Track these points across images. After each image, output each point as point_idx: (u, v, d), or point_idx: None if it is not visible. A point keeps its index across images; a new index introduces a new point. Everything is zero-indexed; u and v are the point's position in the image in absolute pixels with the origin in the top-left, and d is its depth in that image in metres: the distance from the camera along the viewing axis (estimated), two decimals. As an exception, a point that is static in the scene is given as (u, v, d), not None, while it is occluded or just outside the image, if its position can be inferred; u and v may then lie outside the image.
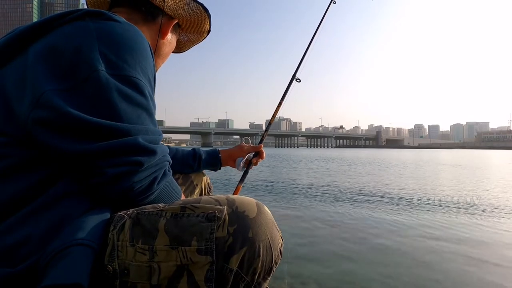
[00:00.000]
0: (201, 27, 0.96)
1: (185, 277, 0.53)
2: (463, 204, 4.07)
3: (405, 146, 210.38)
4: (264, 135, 1.40)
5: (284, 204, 4.02)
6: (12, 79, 0.58)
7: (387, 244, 2.40)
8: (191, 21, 0.91)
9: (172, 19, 0.87)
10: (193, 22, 0.92)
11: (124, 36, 0.61)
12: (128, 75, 0.59)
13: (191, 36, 1.01)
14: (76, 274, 0.47)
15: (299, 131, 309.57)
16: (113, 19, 0.63)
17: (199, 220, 0.56)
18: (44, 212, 0.54)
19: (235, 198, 0.61)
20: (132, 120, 0.58)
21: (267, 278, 0.62)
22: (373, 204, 4.01)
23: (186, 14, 0.88)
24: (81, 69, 0.56)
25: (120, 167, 0.56)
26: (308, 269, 1.87)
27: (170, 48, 0.92)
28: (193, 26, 0.94)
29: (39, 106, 0.53)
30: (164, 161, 0.64)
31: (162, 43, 0.87)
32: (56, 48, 0.58)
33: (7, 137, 0.56)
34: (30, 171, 0.56)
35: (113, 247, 0.54)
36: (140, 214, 0.57)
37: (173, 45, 0.92)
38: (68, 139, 0.54)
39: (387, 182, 6.65)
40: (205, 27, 0.96)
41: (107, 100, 0.56)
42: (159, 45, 0.87)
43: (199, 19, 0.91)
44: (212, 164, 1.27)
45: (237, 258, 0.55)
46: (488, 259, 2.07)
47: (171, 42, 0.90)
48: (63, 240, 0.50)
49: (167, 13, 0.85)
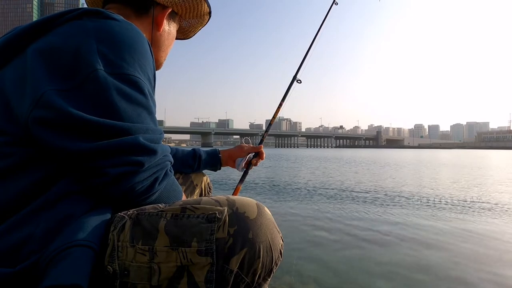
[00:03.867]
0: (199, 11, 0.92)
1: (185, 278, 0.53)
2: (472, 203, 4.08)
3: (405, 146, 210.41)
4: (264, 136, 1.40)
5: (284, 204, 4.02)
6: (11, 79, 0.58)
7: (387, 244, 2.40)
8: (187, 6, 0.87)
9: (166, 8, 0.83)
10: (189, 7, 0.88)
11: (122, 35, 0.61)
12: (127, 73, 0.59)
13: (193, 21, 0.97)
14: (76, 275, 0.47)
15: (299, 131, 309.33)
16: (111, 17, 0.62)
17: (200, 221, 0.56)
18: (45, 212, 0.54)
19: (235, 199, 0.61)
20: (132, 119, 0.58)
21: (268, 279, 0.62)
22: (373, 204, 4.01)
23: (179, 0, 0.84)
24: (80, 69, 0.56)
25: (121, 167, 0.56)
26: (308, 269, 1.87)
27: (170, 39, 0.89)
28: (191, 11, 0.91)
29: (39, 106, 0.53)
30: (166, 161, 0.64)
31: (160, 35, 0.84)
32: (55, 48, 0.58)
33: (7, 137, 0.56)
34: (31, 170, 0.55)
35: (113, 248, 0.54)
36: (141, 215, 0.57)
37: (172, 35, 0.89)
38: (69, 138, 0.54)
39: (388, 182, 6.64)
40: (204, 9, 0.92)
41: (107, 99, 0.56)
42: (157, 37, 0.83)
43: (194, 2, 0.87)
44: (212, 164, 1.27)
45: (237, 259, 0.55)
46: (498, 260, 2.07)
47: (170, 32, 0.87)
48: (63, 241, 0.50)
49: (159, 3, 0.81)
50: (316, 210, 3.65)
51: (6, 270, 0.49)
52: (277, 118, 1.43)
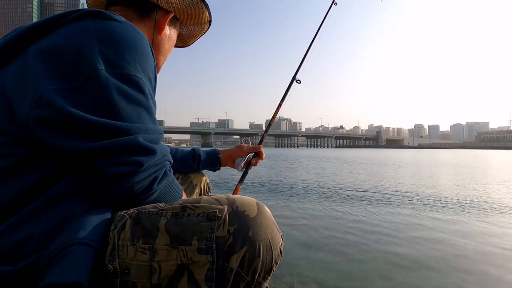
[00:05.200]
0: (200, 18, 0.93)
1: (186, 277, 0.54)
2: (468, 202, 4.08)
3: (405, 146, 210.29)
4: (264, 136, 1.40)
5: (284, 204, 4.03)
6: (12, 79, 0.58)
7: (387, 244, 2.40)
8: (189, 13, 0.88)
9: (168, 13, 0.84)
10: (191, 13, 0.89)
11: (124, 35, 0.61)
12: (128, 73, 0.59)
13: (193, 29, 0.98)
14: (76, 273, 0.47)
15: (299, 131, 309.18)
16: (112, 18, 0.63)
17: (200, 220, 0.56)
18: (46, 212, 0.54)
19: (235, 197, 0.61)
20: (132, 119, 0.59)
21: (267, 277, 0.62)
22: (373, 204, 4.01)
23: (181, 6, 0.85)
24: (81, 69, 0.56)
25: (120, 167, 0.56)
26: (308, 269, 1.88)
27: (170, 44, 0.89)
28: (192, 18, 0.91)
29: (39, 105, 0.54)
30: (165, 161, 0.64)
31: (160, 38, 0.85)
32: (56, 48, 0.58)
33: (8, 137, 0.56)
34: (31, 170, 0.56)
35: (113, 247, 0.54)
36: (141, 214, 0.58)
37: (173, 40, 0.90)
38: (68, 138, 0.54)
39: (388, 181, 6.64)
40: (205, 17, 0.93)
41: (107, 99, 0.56)
42: (157, 41, 0.84)
43: (196, 10, 0.88)
44: (212, 165, 1.27)
45: (237, 257, 0.55)
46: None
47: (170, 37, 0.88)
48: (64, 239, 0.50)
49: (162, 7, 0.82)
50: (316, 210, 3.65)
51: (6, 268, 0.49)
52: (277, 118, 1.43)
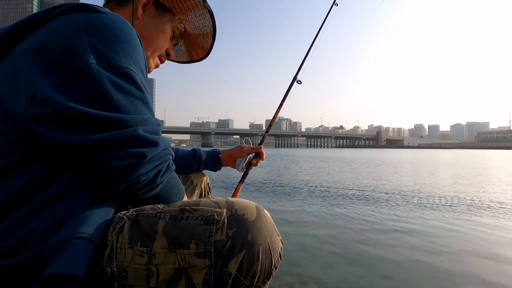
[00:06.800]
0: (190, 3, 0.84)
1: (184, 280, 0.53)
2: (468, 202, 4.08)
3: (405, 146, 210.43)
4: (265, 136, 1.40)
5: (284, 204, 4.02)
6: (3, 79, 0.57)
7: (387, 244, 2.40)
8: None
9: None
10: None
11: (111, 27, 0.60)
12: (120, 66, 0.58)
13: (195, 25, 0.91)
14: (74, 266, 0.47)
15: (299, 131, 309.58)
16: (98, 10, 0.62)
17: (198, 223, 0.55)
18: (48, 208, 0.54)
19: (234, 201, 0.60)
20: (129, 111, 0.58)
21: (267, 282, 0.61)
22: (374, 204, 4.01)
23: None
24: (72, 64, 0.56)
25: (124, 160, 0.55)
26: (308, 269, 1.87)
27: (157, 33, 0.83)
28: (181, 4, 0.84)
29: (36, 102, 0.53)
30: (167, 154, 0.64)
31: (140, 23, 0.79)
32: (45, 44, 0.57)
33: (5, 136, 0.56)
34: (31, 168, 0.55)
35: (112, 249, 0.54)
36: (139, 216, 0.57)
37: (161, 30, 0.83)
38: (67, 132, 0.54)
39: (387, 181, 6.64)
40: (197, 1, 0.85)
41: (102, 93, 0.56)
42: (136, 26, 0.78)
43: None
44: (212, 165, 1.27)
45: (235, 261, 0.55)
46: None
47: (156, 25, 0.82)
48: (65, 234, 0.51)
49: None
50: (316, 210, 3.65)
51: (6, 261, 0.49)
52: (277, 118, 1.43)
